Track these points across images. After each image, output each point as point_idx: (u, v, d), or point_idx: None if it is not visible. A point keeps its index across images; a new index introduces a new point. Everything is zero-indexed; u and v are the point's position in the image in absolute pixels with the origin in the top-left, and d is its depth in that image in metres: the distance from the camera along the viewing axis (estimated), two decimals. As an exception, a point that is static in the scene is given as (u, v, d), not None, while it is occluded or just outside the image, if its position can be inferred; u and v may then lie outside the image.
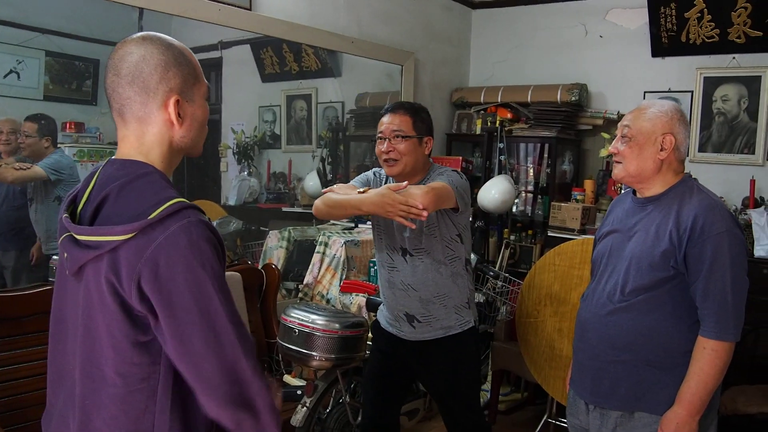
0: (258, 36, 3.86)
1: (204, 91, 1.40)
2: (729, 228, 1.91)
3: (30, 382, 2.55)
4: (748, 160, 4.11)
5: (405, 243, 2.52)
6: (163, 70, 1.32)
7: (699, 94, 4.24)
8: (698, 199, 1.98)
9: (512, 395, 4.27)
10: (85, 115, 3.38)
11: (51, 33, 3.14)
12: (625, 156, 2.07)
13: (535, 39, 4.95)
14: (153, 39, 1.34)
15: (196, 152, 1.42)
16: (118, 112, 1.34)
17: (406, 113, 2.51)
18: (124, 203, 1.26)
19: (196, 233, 1.23)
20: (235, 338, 1.25)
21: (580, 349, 2.18)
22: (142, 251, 1.19)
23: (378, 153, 2.53)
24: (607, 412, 2.07)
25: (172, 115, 1.33)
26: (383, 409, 2.73)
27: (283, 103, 4.71)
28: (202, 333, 1.22)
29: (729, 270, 1.90)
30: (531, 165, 4.71)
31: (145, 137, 1.34)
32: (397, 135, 2.47)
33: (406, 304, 2.55)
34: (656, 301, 1.99)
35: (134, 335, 1.25)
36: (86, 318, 1.28)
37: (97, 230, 1.22)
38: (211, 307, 1.23)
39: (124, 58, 1.31)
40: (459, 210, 2.47)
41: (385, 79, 4.67)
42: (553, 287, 3.43)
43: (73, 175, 3.19)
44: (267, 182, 4.68)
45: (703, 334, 1.93)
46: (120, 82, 1.31)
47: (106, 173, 1.33)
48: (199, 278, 1.22)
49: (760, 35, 3.97)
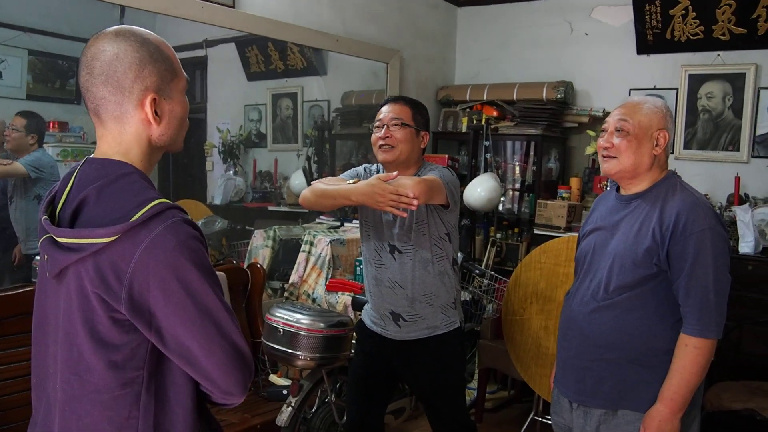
0: (243, 34, 3.84)
1: (182, 86, 1.36)
2: (711, 225, 1.91)
3: (12, 384, 2.53)
4: (733, 157, 4.12)
5: (393, 239, 2.51)
6: (138, 68, 1.27)
7: (684, 92, 4.25)
8: (681, 197, 1.98)
9: (499, 393, 4.27)
10: (68, 114, 3.35)
11: (33, 32, 3.12)
12: (621, 150, 2.03)
13: (520, 37, 4.95)
14: (126, 34, 1.28)
15: (176, 148, 1.38)
16: (94, 111, 1.30)
17: (407, 104, 2.55)
18: (104, 205, 1.22)
19: (183, 233, 1.20)
20: (233, 326, 1.27)
21: (563, 347, 2.18)
22: (129, 255, 1.17)
23: (374, 141, 2.53)
24: (591, 410, 2.07)
25: (149, 114, 1.29)
26: (367, 410, 2.72)
27: (268, 102, 4.69)
28: (204, 329, 1.23)
29: (711, 267, 1.90)
30: (517, 163, 4.71)
31: (123, 136, 1.30)
32: (396, 122, 2.48)
33: (392, 302, 2.54)
34: (639, 299, 1.99)
35: (117, 340, 1.22)
36: (66, 322, 1.25)
37: (79, 233, 1.19)
38: (210, 303, 1.23)
39: (96, 55, 1.26)
40: (449, 207, 2.47)
41: (371, 78, 4.66)
42: (539, 285, 3.43)
43: (53, 174, 3.18)
44: (253, 181, 4.67)
45: (686, 331, 1.93)
46: (93, 82, 1.27)
47: (84, 173, 1.29)
48: (192, 278, 1.21)
49: (745, 32, 3.98)
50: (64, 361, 1.27)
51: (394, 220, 2.50)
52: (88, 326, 1.22)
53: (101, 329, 1.22)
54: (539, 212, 4.37)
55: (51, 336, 1.32)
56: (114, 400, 1.24)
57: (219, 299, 1.25)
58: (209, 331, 1.23)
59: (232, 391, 1.29)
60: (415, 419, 3.69)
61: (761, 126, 4.03)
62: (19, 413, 2.48)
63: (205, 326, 1.22)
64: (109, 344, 1.22)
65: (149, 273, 1.17)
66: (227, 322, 1.25)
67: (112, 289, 1.18)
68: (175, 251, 1.19)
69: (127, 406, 1.25)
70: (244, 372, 1.29)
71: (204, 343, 1.23)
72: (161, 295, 1.19)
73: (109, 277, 1.18)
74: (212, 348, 1.24)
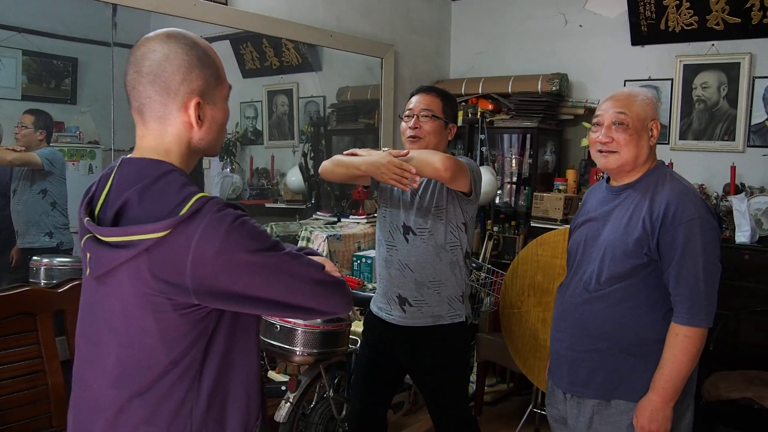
0: (237, 31, 3.83)
1: (226, 93, 1.39)
2: (701, 214, 1.91)
3: (12, 384, 2.52)
4: (729, 146, 4.11)
5: (410, 221, 2.52)
6: (186, 70, 1.29)
7: (679, 82, 4.25)
8: (671, 187, 1.98)
9: (498, 386, 4.28)
10: (64, 114, 3.34)
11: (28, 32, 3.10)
12: (622, 144, 2.01)
13: (514, 29, 4.94)
14: (178, 37, 1.31)
15: (213, 153, 1.41)
16: (138, 110, 1.32)
17: (437, 96, 2.56)
18: (148, 205, 1.24)
19: (228, 218, 1.22)
20: (306, 267, 1.33)
21: (556, 338, 2.18)
22: (184, 249, 1.19)
23: (402, 130, 2.56)
24: (584, 400, 2.08)
25: (192, 118, 1.31)
26: (371, 404, 2.72)
27: (264, 99, 4.68)
28: (284, 285, 1.29)
29: (701, 256, 1.90)
30: (514, 156, 4.71)
31: (164, 137, 1.32)
32: (426, 114, 2.50)
33: (400, 285, 2.55)
34: (631, 290, 1.99)
35: (179, 332, 1.26)
36: (120, 320, 1.28)
37: (128, 230, 1.21)
38: (275, 262, 1.27)
39: (146, 55, 1.29)
40: (470, 195, 2.48)
41: (366, 73, 4.66)
42: (536, 278, 3.43)
43: (62, 172, 3.20)
44: (250, 178, 4.66)
45: (676, 320, 1.93)
46: (141, 80, 1.29)
47: (123, 175, 1.31)
48: (250, 251, 1.24)
49: (739, 22, 3.98)
50: (118, 356, 1.29)
51: (412, 201, 2.52)
52: (143, 323, 1.25)
53: (161, 324, 1.25)
54: (536, 205, 4.37)
55: (94, 334, 1.34)
56: (170, 389, 1.28)
57: (280, 254, 1.28)
58: (288, 282, 1.29)
59: (335, 312, 1.40)
60: (414, 413, 3.70)
61: (756, 115, 4.03)
62: (18, 413, 2.48)
63: (281, 282, 1.28)
64: (169, 337, 1.26)
65: (212, 263, 1.20)
66: (298, 268, 1.31)
67: (173, 283, 1.21)
68: (227, 237, 1.21)
69: (181, 399, 1.28)
70: (336, 294, 1.37)
71: (289, 295, 1.29)
72: (230, 277, 1.22)
73: (168, 272, 1.20)
74: (297, 296, 1.31)
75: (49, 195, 3.16)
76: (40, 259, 3.07)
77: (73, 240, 3.22)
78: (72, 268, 3.14)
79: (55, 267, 3.10)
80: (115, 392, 1.29)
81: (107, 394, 1.30)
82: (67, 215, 3.18)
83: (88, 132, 3.32)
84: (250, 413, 1.37)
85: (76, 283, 2.71)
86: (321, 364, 2.91)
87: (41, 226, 3.18)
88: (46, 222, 3.18)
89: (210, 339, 1.30)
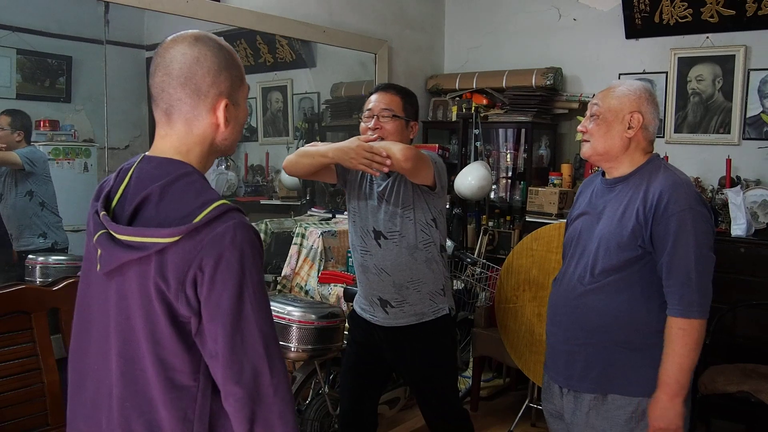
0: (231, 28, 3.82)
1: (246, 94, 1.42)
2: (692, 205, 1.91)
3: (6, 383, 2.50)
4: (724, 139, 4.11)
5: (379, 225, 2.50)
6: (216, 73, 1.32)
7: (674, 75, 4.24)
8: (664, 177, 1.98)
9: (494, 381, 4.29)
10: (59, 112, 3.33)
11: (21, 31, 3.09)
12: (593, 134, 2.08)
13: (508, 24, 4.93)
14: (205, 40, 1.34)
15: (231, 152, 1.44)
16: (165, 111, 1.34)
17: (397, 94, 2.51)
18: (167, 204, 1.26)
19: (240, 236, 1.23)
20: (261, 348, 1.24)
21: (552, 332, 2.18)
22: (190, 255, 1.21)
23: (363, 130, 2.50)
24: (581, 395, 2.07)
25: (221, 119, 1.34)
26: (360, 400, 2.71)
27: (258, 96, 4.68)
28: (228, 335, 1.22)
29: (693, 247, 1.90)
30: (508, 151, 4.70)
31: (188, 137, 1.34)
32: (386, 114, 2.46)
33: (379, 288, 2.53)
34: (626, 282, 1.99)
35: (176, 341, 1.25)
36: (124, 318, 1.28)
37: (142, 231, 1.22)
38: (243, 311, 1.23)
39: (176, 58, 1.31)
40: (435, 189, 2.46)
41: (360, 68, 4.65)
42: (531, 272, 3.43)
43: (45, 170, 3.18)
44: (245, 175, 4.66)
45: (670, 313, 1.93)
46: (171, 83, 1.31)
47: (143, 171, 1.32)
48: (239, 282, 1.22)
49: (733, 14, 3.97)
50: (120, 355, 1.29)
51: (379, 205, 2.49)
52: (148, 326, 1.25)
53: (162, 330, 1.25)
54: (530, 199, 4.36)
55: (95, 332, 1.35)
56: (171, 401, 1.27)
57: (254, 311, 1.23)
58: (233, 339, 1.22)
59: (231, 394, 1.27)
60: (410, 409, 3.69)
61: (751, 108, 4.02)
62: (13, 411, 2.47)
63: (231, 335, 1.22)
64: (168, 345, 1.25)
65: (205, 272, 1.21)
66: (252, 339, 1.23)
67: (171, 289, 1.22)
68: (229, 253, 1.22)
69: (183, 407, 1.27)
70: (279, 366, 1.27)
71: (227, 346, 1.22)
72: (209, 293, 1.21)
73: (170, 276, 1.22)
74: (231, 359, 1.22)
75: (36, 196, 3.14)
76: (35, 257, 3.07)
77: (68, 238, 3.21)
78: (67, 266, 3.14)
79: (50, 265, 3.10)
80: (122, 380, 1.30)
81: (114, 384, 1.31)
82: (58, 212, 3.17)
83: (83, 130, 3.32)
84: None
85: (71, 281, 2.71)
86: (316, 361, 2.91)
87: (34, 228, 3.17)
88: (38, 223, 3.17)
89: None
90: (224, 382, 1.23)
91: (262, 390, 1.24)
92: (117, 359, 1.30)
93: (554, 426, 2.25)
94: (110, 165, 3.23)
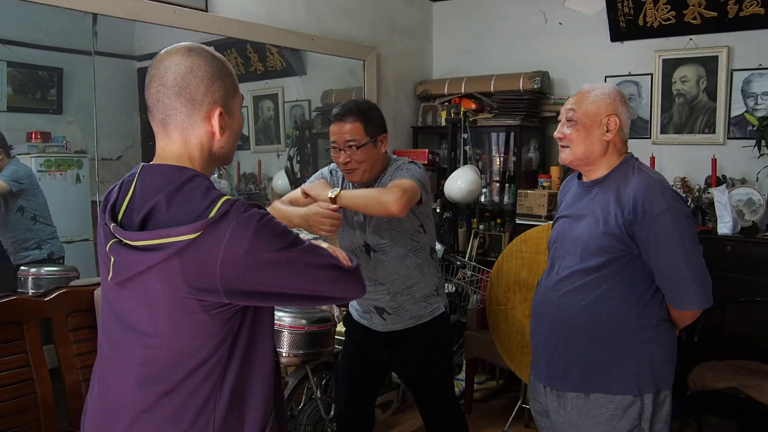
0: (221, 37, 3.85)
1: (240, 102, 1.45)
2: (670, 204, 1.94)
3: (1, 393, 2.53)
4: (709, 139, 4.15)
5: (367, 239, 2.52)
6: (210, 82, 1.36)
7: (658, 77, 4.28)
8: (637, 180, 2.01)
9: (488, 383, 4.31)
10: (51, 124, 3.34)
11: (11, 43, 3.11)
12: (572, 140, 2.11)
13: (496, 29, 4.97)
14: (198, 50, 1.37)
15: (228, 161, 1.48)
16: (161, 122, 1.37)
17: (356, 119, 2.42)
18: (176, 209, 1.29)
19: (254, 219, 1.27)
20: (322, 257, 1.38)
21: (535, 333, 2.21)
22: (214, 250, 1.24)
23: (335, 161, 2.50)
24: (564, 393, 2.10)
25: (215, 127, 1.37)
26: (357, 401, 2.74)
27: (250, 104, 4.69)
28: (306, 277, 1.34)
29: (679, 245, 1.93)
30: (498, 154, 4.73)
31: (187, 146, 1.38)
32: (351, 145, 2.41)
33: (374, 298, 2.56)
34: (605, 282, 2.02)
35: (208, 332, 1.30)
36: (151, 322, 1.32)
37: (159, 233, 1.25)
38: (297, 256, 1.32)
39: (170, 68, 1.35)
40: (422, 201, 2.47)
41: (349, 75, 4.68)
42: (521, 274, 3.46)
43: (32, 183, 3.16)
44: (237, 184, 4.67)
45: (671, 305, 2.04)
46: (166, 93, 1.35)
47: (146, 181, 1.35)
48: (275, 249, 1.29)
49: (715, 15, 4.01)
50: (145, 358, 1.33)
51: (365, 220, 2.51)
52: (173, 324, 1.30)
53: (192, 325, 1.30)
54: (520, 202, 4.40)
55: (118, 338, 1.37)
56: (197, 387, 1.32)
57: (301, 248, 1.33)
58: (311, 274, 1.34)
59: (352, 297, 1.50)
60: (403, 412, 3.72)
61: (735, 107, 4.06)
62: (6, 422, 2.48)
63: (306, 275, 1.34)
64: (199, 337, 1.31)
65: (241, 262, 1.25)
66: (319, 259, 1.36)
67: (204, 283, 1.25)
68: (255, 237, 1.26)
69: (205, 397, 1.33)
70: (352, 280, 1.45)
71: (313, 287, 1.36)
72: (258, 275, 1.28)
73: (199, 272, 1.25)
74: (320, 286, 1.37)
75: (27, 211, 3.13)
76: (27, 268, 3.07)
77: (63, 248, 3.22)
78: (60, 276, 3.14)
79: (42, 276, 3.10)
80: (141, 393, 1.33)
81: (131, 395, 1.34)
82: (52, 223, 3.17)
83: (75, 141, 3.32)
84: (266, 408, 1.42)
85: (63, 291, 2.73)
86: (308, 365, 2.93)
87: (28, 243, 3.16)
88: (32, 237, 3.16)
89: (235, 337, 1.34)
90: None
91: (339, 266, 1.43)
92: (140, 362, 1.34)
93: (541, 423, 2.28)
94: (102, 176, 3.24)
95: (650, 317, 2.02)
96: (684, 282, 1.94)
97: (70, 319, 2.71)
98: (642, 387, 2.00)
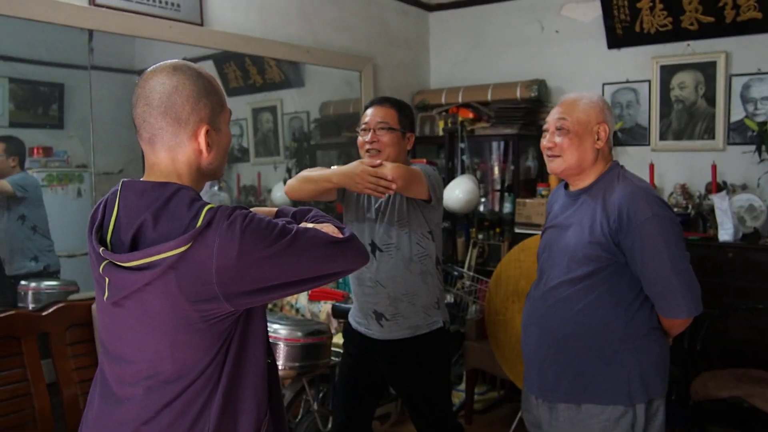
0: (219, 51, 3.87)
1: (228, 118, 1.45)
2: (655, 212, 1.93)
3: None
4: (709, 145, 4.13)
5: (375, 238, 2.52)
6: (195, 100, 1.36)
7: (656, 83, 4.27)
8: (621, 188, 2.01)
9: (488, 394, 4.28)
10: (53, 139, 3.36)
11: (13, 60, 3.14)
12: (564, 149, 2.09)
13: (492, 38, 4.97)
14: (183, 68, 1.38)
15: (218, 176, 1.49)
16: (149, 141, 1.38)
17: (392, 106, 2.53)
18: (164, 226, 1.29)
19: (239, 221, 1.28)
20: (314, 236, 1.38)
21: (525, 344, 2.20)
22: (207, 258, 1.25)
23: (360, 144, 2.54)
24: (555, 405, 2.09)
25: (202, 145, 1.38)
26: (354, 414, 2.73)
27: (249, 117, 4.71)
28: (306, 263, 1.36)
29: (665, 253, 1.93)
30: (496, 163, 4.73)
31: (175, 164, 1.38)
32: (382, 126, 2.48)
33: (374, 301, 2.55)
34: (592, 291, 2.02)
35: (208, 341, 1.32)
36: (152, 339, 1.32)
37: (149, 252, 1.26)
38: (289, 243, 1.32)
39: (155, 88, 1.35)
40: (430, 202, 2.48)
41: (346, 87, 4.69)
42: (519, 283, 3.44)
43: (38, 196, 3.20)
44: (237, 196, 4.68)
45: (660, 314, 2.02)
46: (152, 112, 1.35)
47: (129, 199, 1.35)
48: (271, 249, 1.30)
49: (713, 21, 4.00)
50: (148, 373, 1.34)
51: (376, 218, 2.52)
52: (174, 339, 1.31)
53: (190, 336, 1.31)
54: (518, 211, 4.38)
55: (120, 355, 1.38)
56: (196, 395, 1.33)
57: (293, 235, 1.34)
58: (308, 256, 1.35)
59: (356, 266, 1.48)
60: (402, 424, 3.70)
61: (735, 113, 4.04)
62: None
63: (303, 259, 1.35)
64: (198, 346, 1.32)
65: (236, 265, 1.26)
66: (312, 239, 1.37)
67: (202, 293, 1.27)
68: (244, 238, 1.27)
69: (202, 403, 1.34)
70: (351, 250, 1.44)
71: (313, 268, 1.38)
72: (256, 273, 1.29)
73: (196, 284, 1.26)
74: (319, 266, 1.39)
75: (28, 220, 3.16)
76: (27, 283, 3.09)
77: (59, 262, 3.24)
78: (60, 291, 3.15)
79: (42, 291, 3.11)
80: (142, 407, 1.34)
81: (133, 410, 1.35)
82: (50, 236, 3.19)
83: (77, 156, 3.34)
84: (260, 410, 1.42)
85: (61, 305, 2.74)
86: (304, 378, 2.92)
87: (25, 252, 3.18)
88: (30, 247, 3.19)
89: (228, 342, 1.35)
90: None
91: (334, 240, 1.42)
92: (144, 377, 1.34)
93: (535, 435, 2.26)
94: (102, 190, 3.26)
95: (639, 326, 2.01)
96: (671, 289, 1.93)
97: (68, 333, 2.73)
98: (634, 397, 1.98)
